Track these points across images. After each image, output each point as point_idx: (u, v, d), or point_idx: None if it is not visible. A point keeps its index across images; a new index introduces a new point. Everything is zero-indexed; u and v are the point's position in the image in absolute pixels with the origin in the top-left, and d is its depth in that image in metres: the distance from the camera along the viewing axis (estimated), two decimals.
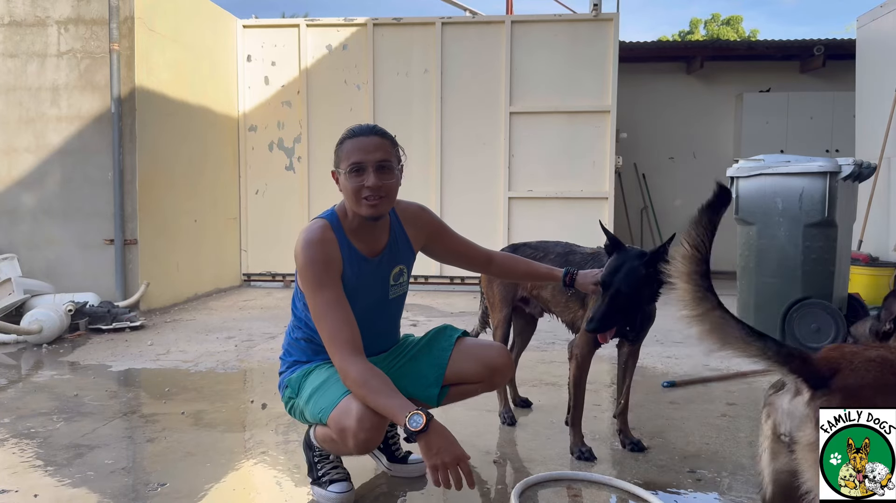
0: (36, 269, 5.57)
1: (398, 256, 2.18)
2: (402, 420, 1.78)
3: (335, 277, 2.00)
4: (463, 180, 7.26)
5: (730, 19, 28.06)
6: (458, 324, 2.36)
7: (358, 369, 1.89)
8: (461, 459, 1.78)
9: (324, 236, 2.02)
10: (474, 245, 2.40)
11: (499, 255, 2.46)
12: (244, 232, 7.57)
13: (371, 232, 2.10)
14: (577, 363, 2.54)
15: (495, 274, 2.49)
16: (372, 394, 1.86)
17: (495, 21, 7.34)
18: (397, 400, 1.84)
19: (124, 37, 5.53)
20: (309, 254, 1.99)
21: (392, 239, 2.16)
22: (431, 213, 2.32)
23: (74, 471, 2.39)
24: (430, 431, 1.77)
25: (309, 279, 1.98)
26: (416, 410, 1.78)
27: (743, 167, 4.51)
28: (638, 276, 2.29)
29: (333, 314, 1.95)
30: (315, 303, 1.98)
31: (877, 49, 6.91)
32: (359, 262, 2.08)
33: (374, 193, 1.98)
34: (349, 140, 2.02)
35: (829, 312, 4.23)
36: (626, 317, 2.34)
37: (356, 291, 2.06)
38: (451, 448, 1.78)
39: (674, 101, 9.44)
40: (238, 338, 4.77)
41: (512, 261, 2.47)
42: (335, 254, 2.02)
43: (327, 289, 1.97)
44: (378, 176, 1.98)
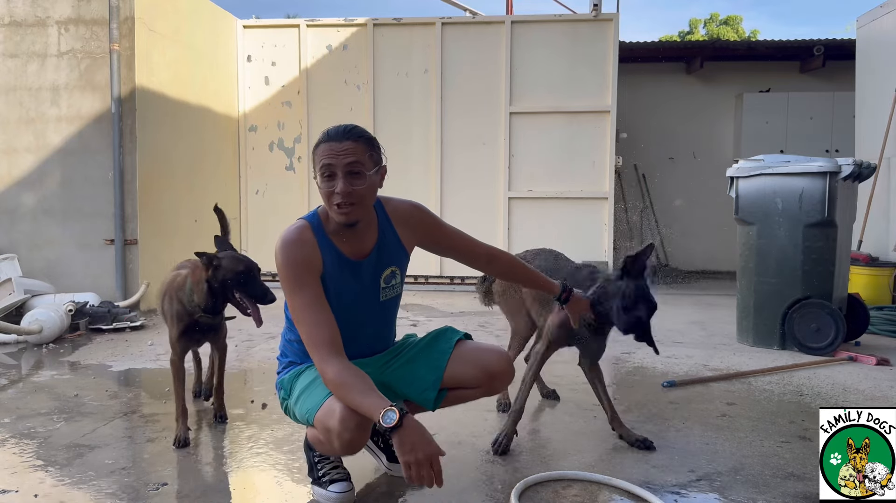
0: (36, 269, 5.57)
1: (389, 258, 2.14)
2: (377, 417, 1.77)
3: (313, 278, 1.98)
4: (463, 180, 7.26)
5: (728, 19, 28.03)
6: (459, 324, 2.36)
7: (335, 369, 1.87)
8: (434, 456, 1.75)
9: (301, 237, 2.00)
10: (475, 241, 2.33)
11: (502, 256, 2.40)
12: (244, 232, 7.58)
13: (355, 234, 2.06)
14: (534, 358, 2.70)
15: (495, 274, 2.48)
16: (350, 393, 1.84)
17: (495, 21, 7.34)
18: (373, 398, 1.81)
19: (124, 37, 5.53)
20: (285, 254, 1.97)
21: (381, 240, 2.12)
22: (425, 210, 2.25)
23: (75, 471, 2.39)
24: (403, 427, 1.74)
25: (286, 280, 1.97)
26: (390, 406, 1.76)
27: (743, 167, 4.51)
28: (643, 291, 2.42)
29: (311, 315, 1.93)
30: (293, 305, 1.96)
31: (877, 49, 6.91)
32: (342, 264, 2.04)
33: (344, 200, 1.93)
34: (323, 143, 1.97)
35: (829, 312, 4.24)
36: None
37: (342, 294, 2.04)
38: (424, 445, 1.75)
39: (674, 102, 9.45)
40: (238, 338, 4.77)
41: (513, 264, 2.41)
42: (314, 256, 1.99)
43: (305, 290, 1.95)
44: (348, 181, 1.92)
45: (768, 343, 4.45)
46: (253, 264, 2.65)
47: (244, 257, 2.69)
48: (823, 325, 4.25)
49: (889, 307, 5.22)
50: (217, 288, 2.62)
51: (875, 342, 4.68)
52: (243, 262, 2.63)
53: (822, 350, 4.23)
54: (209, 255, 2.62)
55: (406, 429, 1.75)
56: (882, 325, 4.91)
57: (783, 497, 2.18)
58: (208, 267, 2.61)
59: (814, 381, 3.63)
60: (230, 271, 2.59)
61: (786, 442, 2.69)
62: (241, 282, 2.59)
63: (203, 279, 2.63)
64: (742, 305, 4.66)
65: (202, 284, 2.63)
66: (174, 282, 2.82)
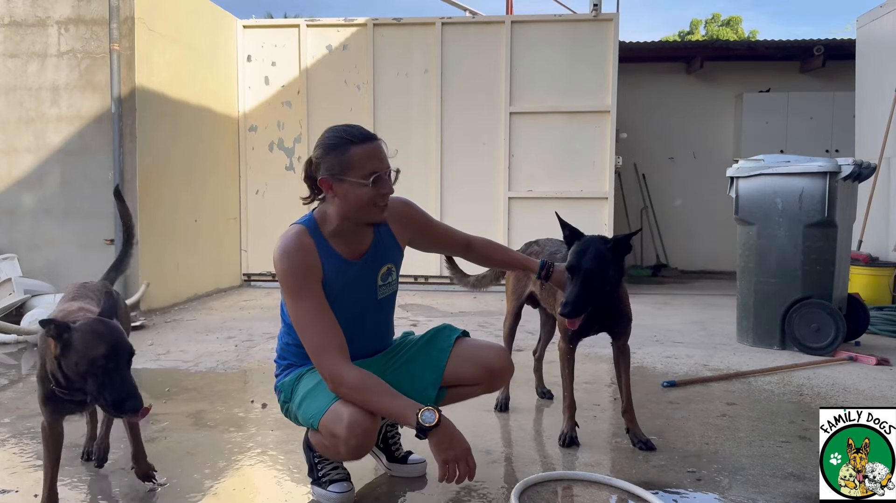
0: (36, 269, 5.57)
1: (385, 255, 2.15)
2: (413, 418, 1.78)
3: (315, 285, 1.97)
4: (463, 180, 7.26)
5: (730, 20, 28.05)
6: (458, 324, 2.36)
7: (353, 374, 1.89)
8: (469, 451, 1.84)
9: (301, 243, 1.98)
10: (454, 231, 2.38)
11: (477, 241, 2.43)
12: (244, 232, 7.57)
13: (355, 234, 2.06)
14: (560, 356, 2.67)
15: (473, 260, 2.47)
16: (374, 396, 1.86)
17: (495, 21, 7.34)
18: (402, 399, 1.86)
19: (124, 37, 5.53)
20: (287, 262, 1.96)
21: (377, 238, 2.13)
22: (415, 206, 2.27)
23: (74, 470, 2.39)
24: (442, 426, 1.81)
25: (289, 288, 1.96)
26: (427, 407, 1.81)
27: (743, 167, 4.51)
28: (604, 257, 2.36)
29: (318, 323, 1.93)
30: (297, 313, 1.95)
31: (877, 49, 6.91)
32: (341, 266, 2.04)
33: (386, 199, 1.98)
34: (356, 146, 1.95)
35: (829, 312, 4.23)
36: (596, 299, 2.38)
37: (342, 295, 2.04)
38: (461, 441, 1.84)
39: (674, 102, 9.45)
40: (238, 338, 4.77)
41: (489, 247, 2.44)
42: (314, 261, 1.99)
43: (309, 298, 1.95)
44: (392, 181, 1.99)
45: (768, 343, 4.44)
46: (120, 345, 1.81)
47: (110, 331, 1.82)
48: (823, 325, 4.25)
49: (889, 307, 5.22)
50: (69, 374, 1.80)
51: (875, 342, 4.68)
52: (105, 342, 1.78)
53: (822, 350, 4.23)
54: (58, 325, 1.78)
55: (444, 427, 1.82)
56: (882, 325, 4.91)
57: (783, 497, 2.18)
58: (56, 342, 1.78)
59: (814, 381, 3.63)
60: (82, 356, 1.76)
61: (786, 442, 2.69)
62: (96, 372, 1.76)
63: (54, 356, 1.81)
64: (742, 305, 4.65)
65: (54, 362, 1.82)
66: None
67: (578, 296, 2.31)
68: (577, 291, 2.32)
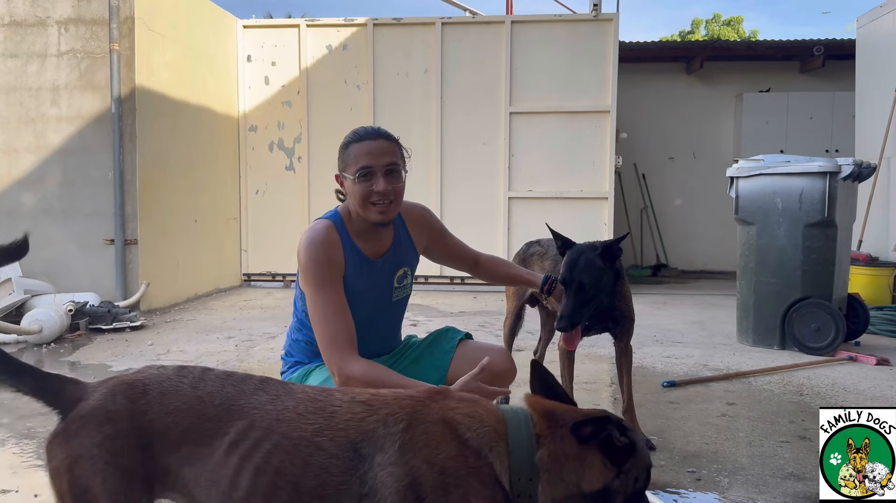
0: (36, 269, 5.55)
1: (402, 258, 2.16)
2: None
3: (337, 279, 1.98)
4: (463, 180, 7.26)
5: (731, 20, 28.09)
6: (458, 324, 2.36)
7: (362, 366, 1.88)
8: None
9: (328, 237, 2.00)
10: (465, 246, 2.40)
11: (483, 258, 2.47)
12: (244, 232, 7.57)
13: (376, 233, 2.08)
14: (560, 356, 2.71)
15: (479, 275, 2.50)
16: (384, 382, 1.85)
17: (495, 21, 7.34)
18: (410, 381, 1.84)
19: (124, 37, 5.53)
20: (312, 254, 1.97)
21: (396, 240, 2.14)
22: (433, 214, 2.31)
23: None
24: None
25: (310, 279, 1.97)
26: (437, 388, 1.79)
27: (743, 167, 4.51)
28: (594, 265, 2.37)
29: (334, 315, 1.93)
30: (315, 304, 1.96)
31: (877, 49, 6.92)
32: (363, 264, 2.05)
33: (383, 198, 1.96)
34: (355, 144, 1.98)
35: (828, 312, 4.23)
36: (592, 309, 2.39)
37: (360, 294, 2.04)
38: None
39: (674, 101, 9.45)
40: (238, 338, 4.77)
41: (495, 264, 2.48)
42: (338, 256, 2.00)
43: (329, 290, 1.95)
44: (387, 180, 1.95)
45: (768, 343, 4.44)
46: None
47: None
48: (823, 325, 4.25)
49: (889, 307, 5.22)
50: None
51: (875, 342, 4.68)
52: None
53: (821, 350, 4.23)
54: None
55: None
56: (882, 325, 4.91)
57: (783, 497, 2.18)
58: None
59: (814, 381, 3.63)
60: None
61: (786, 442, 2.69)
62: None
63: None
64: (742, 305, 4.66)
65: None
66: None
67: (574, 308, 2.32)
68: (571, 304, 2.33)
